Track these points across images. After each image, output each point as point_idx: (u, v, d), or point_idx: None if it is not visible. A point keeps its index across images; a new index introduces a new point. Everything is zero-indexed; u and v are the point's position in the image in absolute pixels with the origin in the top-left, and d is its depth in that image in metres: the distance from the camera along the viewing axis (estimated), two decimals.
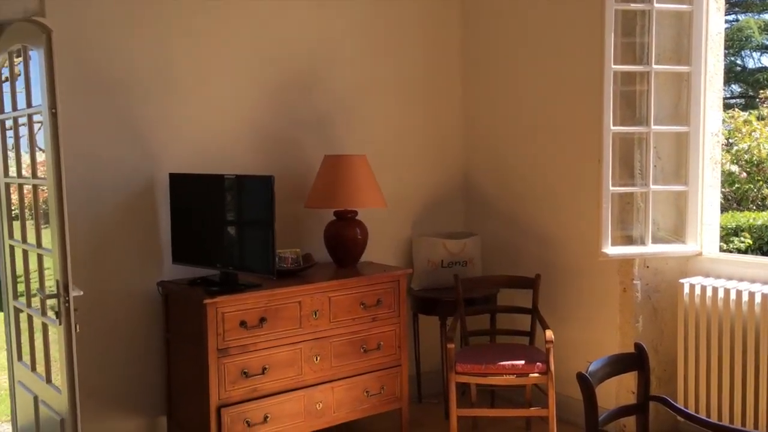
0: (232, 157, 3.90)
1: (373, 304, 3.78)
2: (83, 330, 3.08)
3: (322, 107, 4.25)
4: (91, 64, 3.50)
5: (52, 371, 3.19)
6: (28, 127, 3.15)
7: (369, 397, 3.77)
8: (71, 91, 3.38)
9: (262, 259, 3.41)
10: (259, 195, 3.42)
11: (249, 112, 3.99)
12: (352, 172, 3.91)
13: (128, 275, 3.65)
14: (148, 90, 3.66)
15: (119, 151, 3.60)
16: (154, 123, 3.69)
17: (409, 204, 4.61)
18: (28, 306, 3.39)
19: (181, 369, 3.59)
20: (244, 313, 3.37)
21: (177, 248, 3.63)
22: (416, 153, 4.64)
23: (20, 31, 3.04)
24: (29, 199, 3.29)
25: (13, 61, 3.20)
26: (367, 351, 3.76)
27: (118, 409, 3.66)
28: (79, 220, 3.44)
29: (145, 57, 3.65)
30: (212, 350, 3.28)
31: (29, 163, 3.22)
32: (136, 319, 3.68)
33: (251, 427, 3.38)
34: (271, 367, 3.45)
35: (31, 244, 3.28)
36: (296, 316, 3.54)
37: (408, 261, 4.59)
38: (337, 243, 4.00)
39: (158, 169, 3.69)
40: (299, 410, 3.54)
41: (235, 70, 3.93)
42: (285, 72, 4.10)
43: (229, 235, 3.59)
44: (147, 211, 3.70)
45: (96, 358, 3.54)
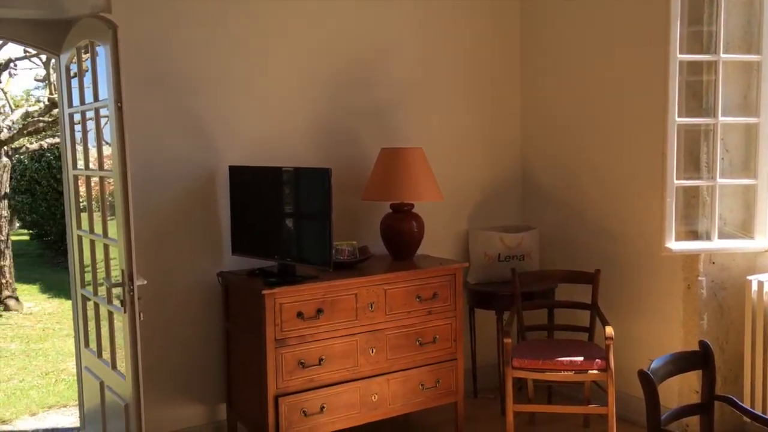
0: (290, 150, 3.94)
1: (429, 297, 3.77)
2: (147, 318, 3.17)
3: (379, 100, 4.25)
4: (155, 58, 3.58)
5: (117, 358, 3.29)
6: (95, 121, 3.25)
7: (424, 390, 3.77)
8: (136, 85, 3.46)
9: (319, 251, 3.43)
10: (316, 187, 3.45)
11: (307, 105, 4.02)
12: (409, 164, 3.90)
13: (190, 265, 3.73)
14: (209, 84, 3.73)
15: (182, 144, 3.68)
16: (215, 116, 3.75)
17: (465, 197, 4.58)
18: (95, 294, 3.49)
19: (240, 358, 3.65)
20: (301, 305, 3.40)
21: (236, 240, 3.69)
22: (473, 145, 4.60)
23: (87, 27, 3.13)
24: (96, 190, 3.40)
25: (81, 56, 3.29)
26: (423, 344, 3.76)
27: (179, 395, 3.75)
28: (143, 211, 3.53)
29: (207, 52, 3.71)
30: (270, 340, 3.33)
31: (96, 157, 3.32)
32: (197, 309, 3.76)
33: (308, 416, 3.42)
34: (328, 358, 3.48)
35: (97, 235, 3.38)
36: (352, 308, 3.55)
37: (464, 254, 4.56)
38: (394, 236, 4.00)
39: (219, 162, 3.76)
40: (355, 401, 3.56)
41: (294, 64, 3.96)
42: (343, 65, 4.12)
43: (287, 227, 3.63)
44: (208, 203, 3.77)
45: (159, 346, 3.63)
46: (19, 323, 7.55)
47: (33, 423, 4.60)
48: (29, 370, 5.85)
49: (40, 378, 5.63)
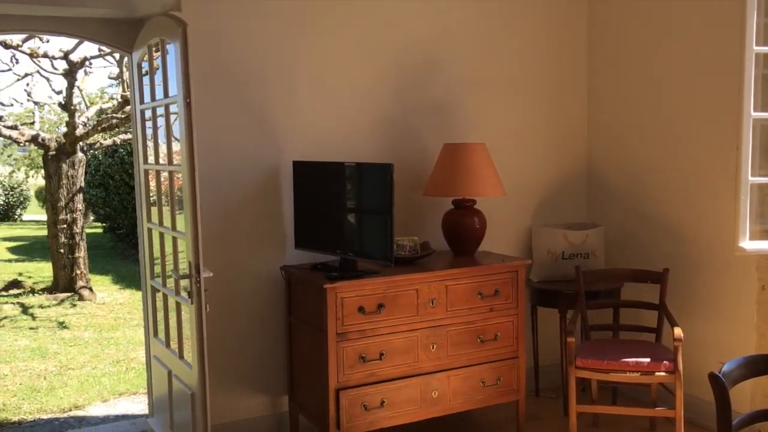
0: (352, 146, 3.97)
1: (490, 294, 3.73)
2: (213, 310, 3.24)
3: (442, 95, 4.23)
4: (222, 55, 3.66)
5: (184, 348, 3.38)
6: (165, 117, 3.34)
7: (485, 387, 3.74)
8: (204, 81, 3.55)
9: (381, 246, 3.45)
10: (378, 183, 3.46)
11: (370, 101, 4.03)
12: (472, 160, 3.87)
13: (254, 259, 3.80)
14: (274, 81, 3.78)
15: (247, 140, 3.74)
16: (279, 112, 3.81)
17: (529, 193, 4.52)
18: (164, 285, 3.60)
19: (302, 351, 3.70)
20: (362, 299, 3.42)
21: (299, 234, 3.74)
22: (538, 141, 4.53)
23: (158, 26, 3.22)
24: (165, 185, 3.49)
25: (152, 54, 3.39)
26: (484, 341, 3.73)
27: (243, 386, 3.83)
28: (210, 205, 3.61)
29: (273, 49, 3.77)
30: (332, 334, 3.36)
31: (166, 152, 3.41)
32: (260, 302, 3.83)
33: (368, 410, 3.44)
34: (388, 353, 3.49)
35: (166, 228, 3.47)
36: (413, 303, 3.55)
37: (527, 251, 4.50)
38: (455, 232, 3.98)
39: (283, 157, 3.81)
40: (415, 397, 3.56)
41: (357, 60, 3.98)
42: (405, 61, 4.11)
43: (349, 222, 3.66)
44: (272, 198, 3.83)
45: (224, 337, 3.72)
46: (92, 313, 7.84)
47: (104, 409, 4.77)
48: (101, 358, 6.07)
49: (111, 366, 5.84)
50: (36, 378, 5.52)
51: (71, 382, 5.39)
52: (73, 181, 8.49)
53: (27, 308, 8.02)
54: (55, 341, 6.65)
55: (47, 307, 8.06)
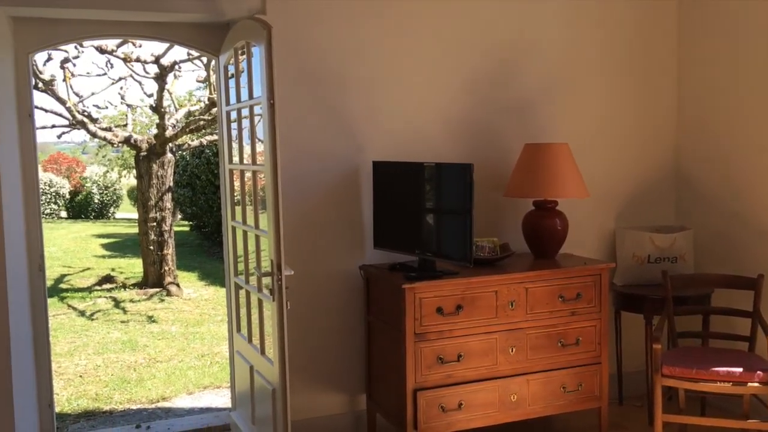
0: (432, 146, 3.96)
1: (572, 297, 3.65)
2: (293, 307, 3.30)
3: (523, 95, 4.16)
4: (305, 57, 3.72)
5: (265, 344, 3.45)
6: (249, 118, 3.42)
7: (566, 393, 3.65)
8: (287, 83, 3.62)
9: (460, 247, 3.42)
10: (458, 183, 3.43)
11: (449, 101, 4.01)
12: (554, 160, 3.80)
13: (333, 258, 3.85)
14: (355, 81, 3.82)
15: (328, 140, 3.79)
16: (360, 113, 3.84)
17: (613, 194, 4.39)
18: (247, 283, 3.68)
19: (380, 350, 3.72)
20: (441, 300, 3.41)
21: (378, 234, 3.76)
22: (622, 140, 4.40)
23: (244, 29, 3.30)
24: (249, 184, 3.58)
25: (238, 57, 3.48)
26: (565, 345, 3.65)
27: (322, 383, 3.88)
28: (292, 204, 3.68)
29: (354, 51, 3.80)
30: (410, 334, 3.36)
31: (250, 152, 3.49)
32: (340, 300, 3.87)
33: (446, 412, 3.42)
34: (466, 355, 3.47)
35: (250, 226, 3.56)
36: (492, 305, 3.51)
37: (611, 255, 4.37)
38: (536, 233, 3.91)
39: (363, 157, 3.84)
40: (493, 400, 3.52)
41: (437, 60, 3.97)
42: (486, 61, 4.07)
43: (428, 222, 3.65)
44: (352, 198, 3.86)
45: (304, 335, 3.78)
46: (179, 308, 8.13)
47: (190, 401, 4.94)
48: (187, 352, 6.28)
49: (196, 359, 6.03)
50: (126, 369, 5.77)
51: (159, 375, 5.60)
52: (162, 180, 8.82)
53: (119, 302, 8.39)
54: (144, 334, 6.93)
55: (137, 302, 8.40)
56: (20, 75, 3.52)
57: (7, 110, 3.37)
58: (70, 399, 5.02)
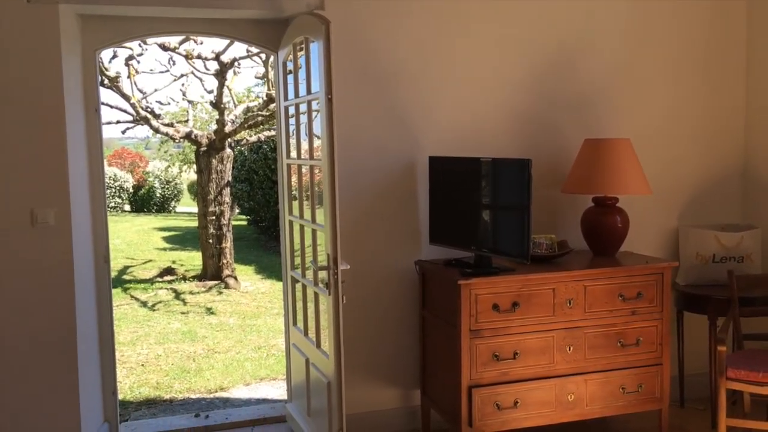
0: (489, 141, 3.93)
1: (632, 296, 3.56)
2: (349, 301, 3.31)
3: (584, 89, 4.08)
4: (363, 53, 3.73)
5: (321, 337, 3.48)
6: (307, 114, 3.45)
7: (625, 394, 3.57)
8: (345, 78, 3.64)
9: (517, 243, 3.38)
10: (515, 179, 3.39)
11: (507, 95, 3.96)
12: (615, 156, 3.71)
13: (389, 253, 3.85)
14: (413, 77, 3.81)
15: (385, 135, 3.79)
16: (417, 108, 3.83)
17: (676, 191, 4.27)
18: (303, 276, 3.72)
19: (434, 346, 3.70)
20: (496, 296, 3.38)
21: (434, 229, 3.74)
22: (687, 136, 4.27)
23: (303, 24, 3.33)
24: (306, 179, 3.61)
25: (296, 52, 3.51)
26: (625, 346, 3.57)
27: (377, 378, 3.89)
28: (348, 198, 3.70)
29: (412, 46, 3.79)
30: (465, 331, 3.34)
31: (307, 147, 3.52)
32: (395, 295, 3.87)
33: (501, 410, 3.39)
34: (523, 353, 3.42)
35: (306, 220, 3.59)
36: (549, 303, 3.46)
37: (673, 253, 4.25)
38: (595, 231, 3.83)
39: (419, 152, 3.83)
40: (550, 399, 3.47)
41: (495, 55, 3.93)
42: (545, 55, 4.01)
43: (485, 218, 3.62)
44: (408, 193, 3.86)
45: (359, 329, 3.79)
46: (236, 300, 8.28)
47: (247, 392, 5.02)
48: (244, 344, 6.39)
49: (253, 351, 6.13)
50: (186, 359, 5.90)
51: (217, 365, 5.71)
52: (221, 175, 8.99)
53: (179, 294, 8.59)
54: (203, 326, 7.08)
55: (197, 294, 8.59)
56: (87, 71, 3.63)
57: (74, 106, 3.48)
58: (132, 387, 5.16)
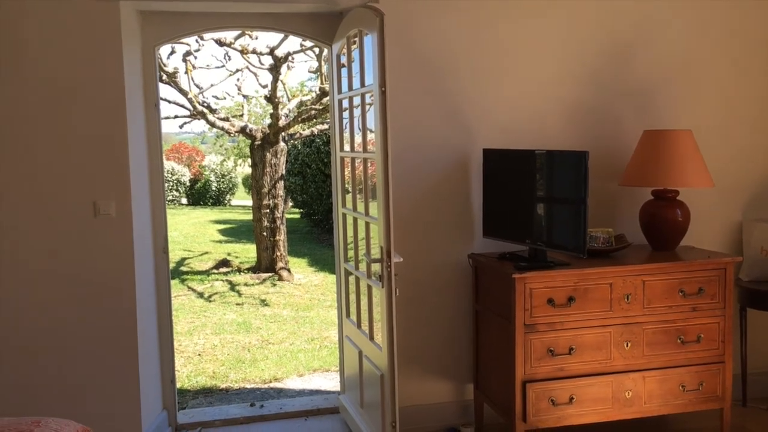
0: (545, 133, 3.87)
1: (693, 292, 3.47)
2: (402, 294, 3.32)
3: (643, 79, 3.98)
4: (417, 45, 3.71)
5: (374, 329, 3.49)
6: (360, 107, 3.45)
7: (685, 392, 3.48)
8: (398, 71, 3.63)
9: (573, 237, 3.32)
10: (571, 171, 3.33)
11: (563, 86, 3.90)
12: (675, 148, 3.61)
13: (442, 246, 3.83)
14: (467, 69, 3.78)
15: (439, 128, 3.78)
16: (471, 100, 3.80)
17: (740, 185, 4.13)
18: (356, 269, 3.74)
19: (488, 340, 3.68)
20: (552, 291, 3.33)
21: (488, 222, 3.71)
22: (752, 128, 4.13)
23: (357, 17, 3.33)
24: (359, 171, 3.62)
25: (350, 45, 3.52)
26: (685, 342, 3.47)
27: (429, 371, 3.89)
28: (402, 191, 3.69)
29: (466, 38, 3.76)
30: (519, 325, 3.30)
31: (361, 140, 3.53)
32: (448, 289, 3.86)
33: (556, 406, 3.35)
34: (578, 348, 3.37)
35: (360, 213, 3.60)
36: (606, 298, 3.39)
37: (736, 248, 4.12)
38: (655, 224, 3.74)
39: (473, 145, 3.80)
40: (606, 396, 3.40)
41: (550, 44, 3.86)
42: (602, 44, 3.92)
43: (540, 212, 3.57)
44: (461, 186, 3.83)
45: (412, 321, 3.79)
46: (290, 292, 8.37)
47: (300, 383, 5.08)
48: (298, 335, 6.46)
49: (306, 343, 6.19)
50: (241, 350, 6.01)
51: (271, 356, 5.79)
52: (275, 169, 9.10)
53: (234, 285, 8.74)
54: (257, 317, 7.19)
55: (251, 285, 8.72)
56: (147, 67, 3.71)
57: (135, 101, 3.56)
58: (189, 376, 5.28)
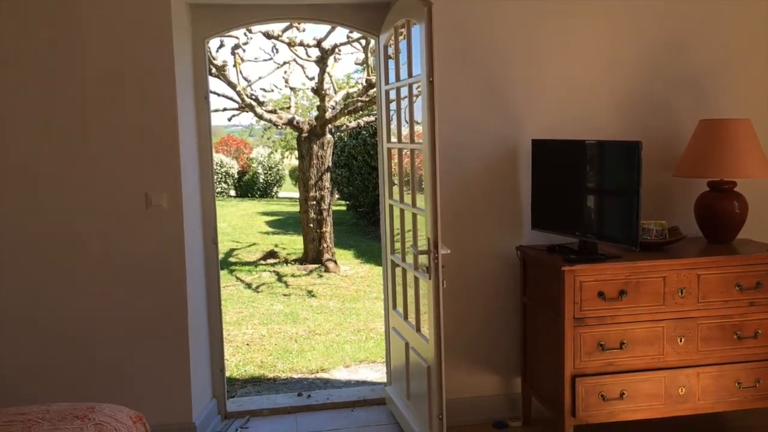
0: (596, 123, 3.79)
1: (751, 287, 3.36)
2: (449, 286, 3.29)
3: (699, 67, 3.86)
4: (465, 35, 3.67)
5: (421, 321, 3.48)
6: (408, 98, 3.43)
7: (741, 389, 3.38)
8: (446, 61, 3.59)
9: (625, 229, 3.25)
10: (623, 162, 3.26)
11: (614, 74, 3.81)
12: (733, 138, 3.50)
13: (489, 238, 3.80)
14: (515, 58, 3.72)
15: (487, 118, 3.73)
16: (520, 90, 3.74)
17: None
18: (403, 260, 3.73)
19: (536, 333, 3.63)
20: (602, 284, 3.26)
21: (536, 214, 3.65)
22: None
23: (404, 7, 3.31)
24: (407, 162, 3.60)
25: (398, 36, 3.50)
26: (741, 338, 3.37)
27: (476, 363, 3.86)
28: (449, 182, 3.67)
29: (515, 27, 3.70)
30: (569, 318, 3.25)
31: (408, 131, 3.52)
32: (495, 281, 3.82)
33: (606, 401, 3.28)
34: (630, 343, 3.30)
35: (407, 204, 3.59)
36: (659, 292, 3.31)
37: None
38: (710, 216, 3.63)
39: (522, 135, 3.75)
40: (659, 392, 3.33)
41: (602, 34, 3.78)
42: (656, 31, 3.82)
43: (590, 204, 3.50)
44: (509, 177, 3.79)
45: (459, 314, 3.77)
46: (336, 284, 8.42)
47: (346, 374, 5.10)
48: (344, 327, 6.50)
49: (352, 334, 6.22)
50: (288, 340, 6.07)
51: (318, 347, 5.84)
52: (322, 161, 9.15)
53: (281, 277, 8.83)
54: (304, 308, 7.25)
55: (298, 277, 8.80)
56: (197, 60, 3.76)
57: (185, 93, 3.61)
58: (238, 365, 5.36)
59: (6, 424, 2.50)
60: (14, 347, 3.48)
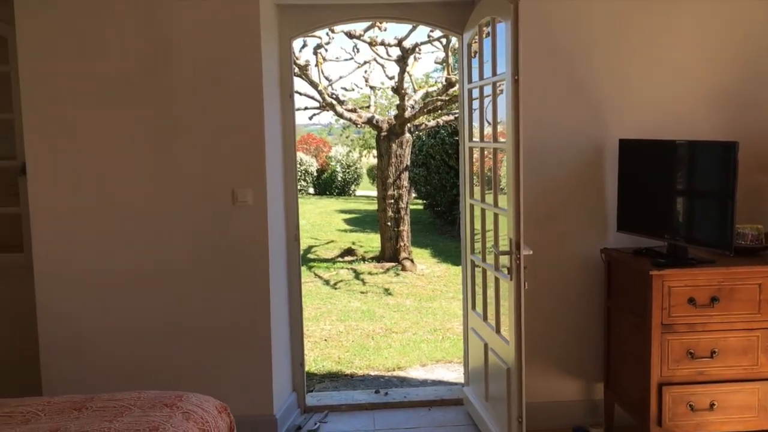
0: (687, 122, 3.66)
1: None
2: (531, 287, 3.24)
3: None
4: (551, 33, 3.60)
5: (501, 323, 3.44)
6: (492, 97, 3.40)
7: None
8: (531, 59, 3.53)
9: (718, 233, 3.12)
10: (717, 163, 3.12)
11: (707, 73, 3.66)
12: None
13: (573, 239, 3.71)
14: (602, 57, 3.63)
15: (572, 117, 3.65)
16: (607, 89, 3.64)
17: None
18: (483, 260, 3.69)
19: (620, 339, 3.52)
20: (693, 290, 3.14)
21: (622, 216, 3.55)
22: None
23: (489, 5, 3.27)
24: (489, 162, 3.56)
25: (482, 34, 3.47)
26: None
27: (557, 367, 3.78)
28: (532, 182, 3.61)
29: (602, 25, 3.61)
30: (656, 324, 3.14)
31: (491, 130, 3.48)
32: (578, 284, 3.73)
33: (695, 411, 3.16)
34: (721, 352, 3.16)
35: (488, 204, 3.55)
36: (754, 299, 3.16)
37: None
38: None
39: (608, 135, 3.65)
40: (752, 404, 3.18)
41: (694, 31, 3.63)
42: (751, 26, 3.64)
43: (680, 206, 3.37)
44: (594, 177, 3.69)
45: (540, 315, 3.70)
46: (412, 282, 8.43)
47: (423, 373, 5.10)
48: (420, 325, 6.49)
49: (429, 333, 6.21)
50: (365, 337, 6.11)
51: (394, 345, 5.85)
52: (400, 159, 9.17)
53: (358, 274, 8.90)
54: (381, 306, 7.29)
55: (375, 274, 8.85)
56: (283, 59, 3.83)
57: (272, 92, 3.69)
58: (316, 360, 5.43)
59: (100, 409, 2.62)
60: (109, 339, 3.63)
